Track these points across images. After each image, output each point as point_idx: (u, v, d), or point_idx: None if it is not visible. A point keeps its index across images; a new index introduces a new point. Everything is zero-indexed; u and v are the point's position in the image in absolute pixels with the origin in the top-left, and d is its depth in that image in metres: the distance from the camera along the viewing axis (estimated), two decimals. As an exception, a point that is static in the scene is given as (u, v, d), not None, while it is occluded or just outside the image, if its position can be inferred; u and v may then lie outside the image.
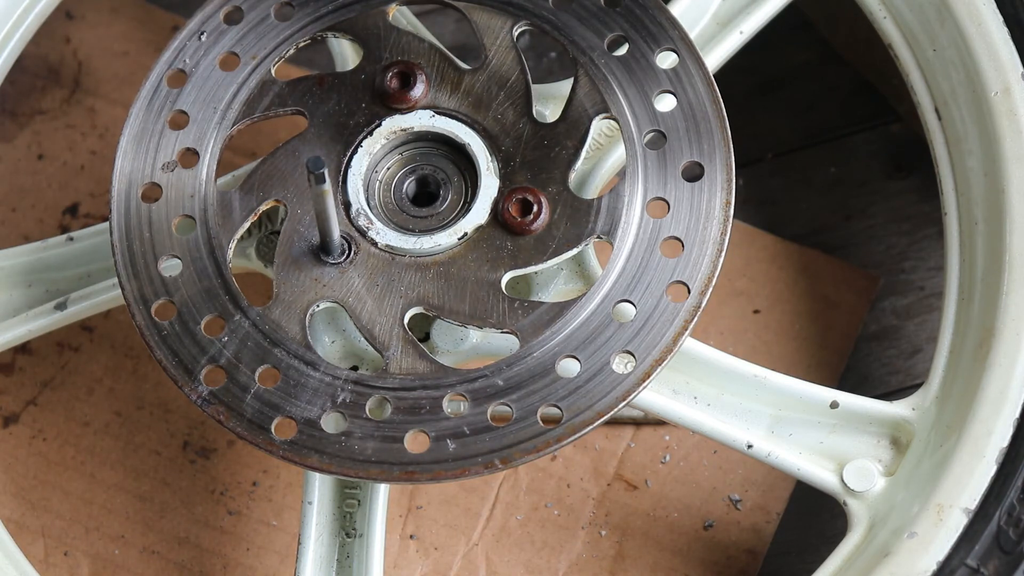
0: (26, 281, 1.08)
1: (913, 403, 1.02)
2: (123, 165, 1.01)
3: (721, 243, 0.98)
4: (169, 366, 0.96)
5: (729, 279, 1.22)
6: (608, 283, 0.97)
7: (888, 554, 0.96)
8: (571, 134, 0.99)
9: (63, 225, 1.25)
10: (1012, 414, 0.97)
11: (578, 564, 1.15)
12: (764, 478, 1.16)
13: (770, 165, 1.27)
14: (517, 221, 0.98)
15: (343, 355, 1.03)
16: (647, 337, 0.96)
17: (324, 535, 1.02)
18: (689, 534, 1.15)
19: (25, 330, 1.07)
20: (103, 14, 1.32)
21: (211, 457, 1.18)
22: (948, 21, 1.03)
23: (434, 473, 0.94)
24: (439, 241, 0.98)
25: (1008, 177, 1.00)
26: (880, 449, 1.02)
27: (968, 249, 1.03)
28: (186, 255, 0.98)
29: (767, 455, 1.01)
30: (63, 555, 1.16)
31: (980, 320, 1.00)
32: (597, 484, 1.17)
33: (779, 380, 1.02)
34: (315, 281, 0.98)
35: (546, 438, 0.94)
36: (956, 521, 0.95)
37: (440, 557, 1.15)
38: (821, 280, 1.22)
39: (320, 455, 0.94)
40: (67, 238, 1.08)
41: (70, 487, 1.18)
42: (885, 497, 1.00)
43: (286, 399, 0.95)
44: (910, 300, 1.23)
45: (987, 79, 1.02)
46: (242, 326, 0.96)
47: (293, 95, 1.02)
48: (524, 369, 0.95)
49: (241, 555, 1.16)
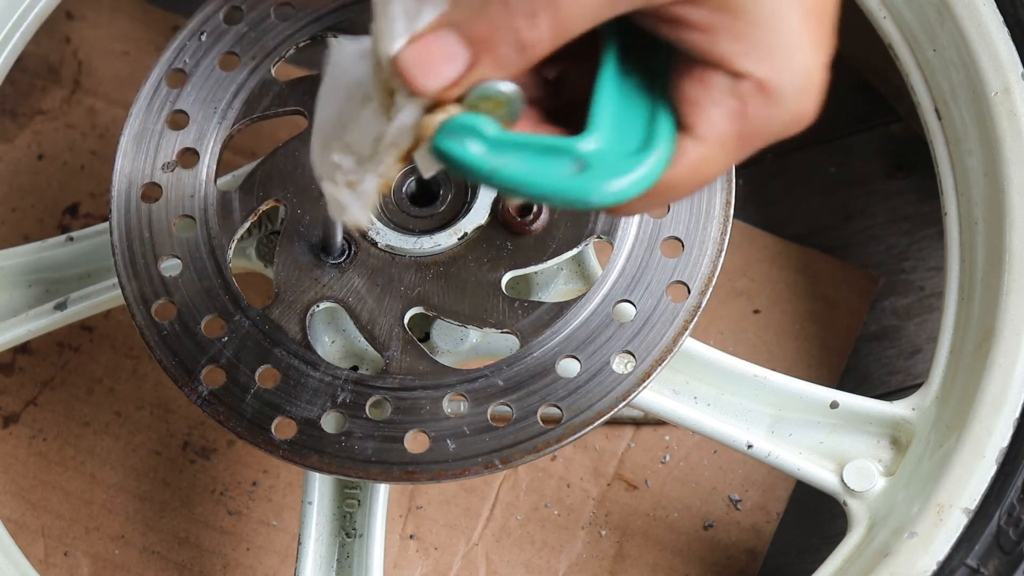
0: (26, 281, 1.08)
1: (913, 403, 1.02)
2: (123, 165, 1.01)
3: (721, 243, 0.98)
4: (169, 366, 0.96)
5: (729, 279, 1.22)
6: (608, 283, 0.97)
7: (888, 554, 0.96)
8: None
9: (63, 225, 1.25)
10: (1012, 414, 0.97)
11: (578, 564, 1.15)
12: (764, 478, 1.16)
13: (770, 165, 1.27)
14: (517, 221, 0.98)
15: (343, 355, 1.03)
16: (647, 337, 0.96)
17: (324, 535, 1.02)
18: (689, 534, 1.15)
19: (25, 330, 1.07)
20: (103, 14, 1.32)
21: (211, 457, 1.18)
22: (948, 21, 1.03)
23: (434, 473, 0.94)
24: (439, 241, 0.98)
25: (1008, 177, 1.00)
26: (880, 449, 1.02)
27: (968, 249, 1.03)
28: (186, 255, 0.98)
29: (767, 455, 1.01)
30: (63, 555, 1.16)
31: (980, 320, 1.00)
32: (597, 484, 1.17)
33: (779, 380, 1.02)
34: (315, 281, 0.98)
35: (546, 438, 0.94)
36: (956, 521, 0.95)
37: (440, 557, 1.15)
38: (821, 280, 1.22)
39: (320, 455, 0.94)
40: (67, 238, 1.08)
41: (70, 487, 1.18)
42: (885, 497, 1.00)
43: (286, 399, 0.95)
44: (910, 300, 1.23)
45: (987, 79, 1.02)
46: (242, 326, 0.97)
47: (293, 95, 1.02)
48: (524, 369, 0.95)
49: (241, 555, 1.16)
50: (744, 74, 0.74)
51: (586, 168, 0.76)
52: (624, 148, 0.77)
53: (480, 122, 0.76)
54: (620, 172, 0.76)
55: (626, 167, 0.76)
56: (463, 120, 0.76)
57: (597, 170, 0.76)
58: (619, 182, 0.75)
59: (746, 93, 0.75)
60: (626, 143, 0.77)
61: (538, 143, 0.77)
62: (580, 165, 0.76)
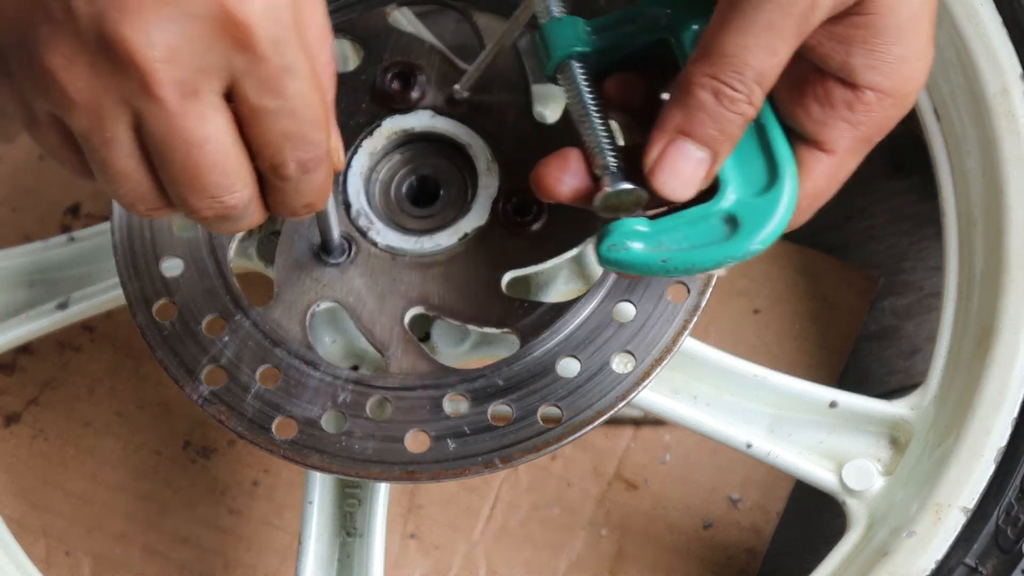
0: (28, 281, 1.08)
1: (912, 403, 1.02)
2: (124, 165, 1.01)
3: (721, 243, 0.98)
4: (170, 366, 0.96)
5: (729, 279, 1.22)
6: (608, 283, 0.97)
7: (887, 553, 0.96)
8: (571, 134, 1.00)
9: (65, 225, 1.25)
10: (1010, 413, 0.97)
11: (578, 563, 1.15)
12: (763, 477, 1.17)
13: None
14: (517, 221, 0.98)
15: (343, 355, 1.03)
16: (647, 337, 0.96)
17: (325, 534, 1.02)
18: (689, 533, 1.15)
19: (26, 330, 1.07)
20: (104, 15, 1.32)
21: (212, 457, 1.18)
22: (946, 22, 1.03)
23: (434, 473, 0.94)
24: (439, 241, 0.98)
25: (1006, 177, 1.01)
26: (879, 448, 1.02)
27: (967, 249, 1.03)
28: (187, 255, 0.98)
29: (767, 454, 1.01)
30: (64, 554, 1.16)
31: (979, 320, 1.00)
32: (597, 484, 1.17)
33: (779, 380, 1.02)
34: (316, 281, 0.98)
35: (546, 438, 0.94)
36: (954, 520, 0.95)
37: (440, 556, 1.15)
38: (821, 280, 1.23)
39: (321, 454, 0.94)
40: (68, 238, 1.09)
41: (71, 487, 1.18)
42: (884, 496, 1.00)
43: (287, 399, 0.95)
44: (910, 300, 1.23)
45: (986, 80, 1.02)
46: (243, 326, 0.97)
47: (294, 95, 1.02)
48: (524, 369, 0.95)
49: (242, 554, 1.16)
50: (870, 86, 0.80)
51: (737, 223, 0.80)
52: (755, 186, 0.81)
53: (629, 223, 0.81)
54: (767, 214, 0.80)
55: (769, 207, 0.80)
56: (615, 227, 0.81)
57: (747, 221, 0.80)
58: (771, 224, 0.80)
59: (871, 102, 0.80)
60: (754, 181, 0.81)
61: (687, 219, 0.81)
62: (731, 222, 0.80)
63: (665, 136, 0.80)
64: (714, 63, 0.78)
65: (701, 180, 0.81)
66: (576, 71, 0.87)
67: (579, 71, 0.87)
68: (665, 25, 0.87)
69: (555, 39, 0.87)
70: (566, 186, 0.84)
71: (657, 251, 0.81)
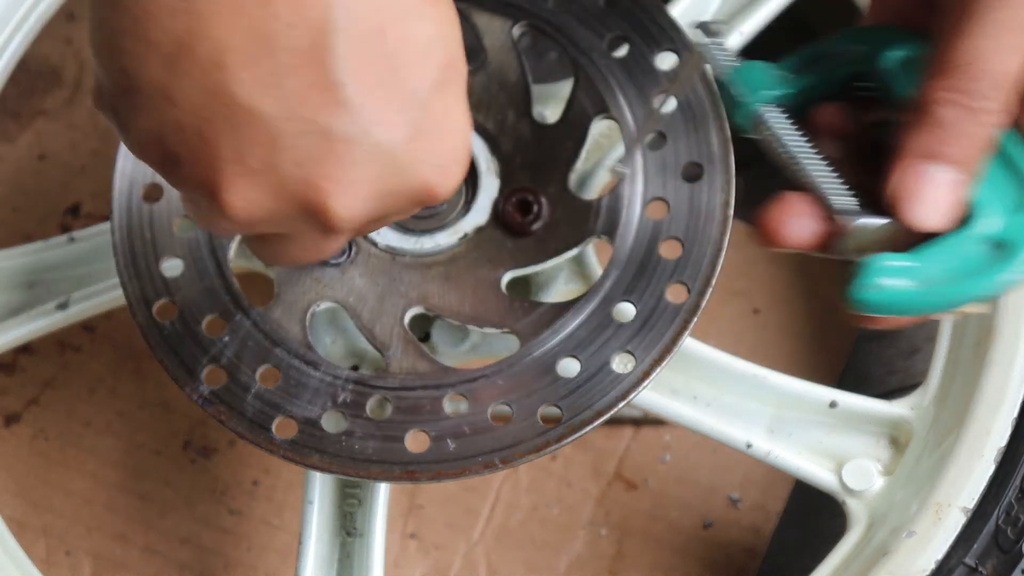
0: (28, 281, 1.08)
1: (912, 403, 1.02)
2: (124, 165, 1.01)
3: (721, 243, 0.98)
4: (170, 366, 0.96)
5: (729, 279, 1.22)
6: (608, 283, 0.97)
7: (887, 553, 0.96)
8: (571, 134, 1.00)
9: (64, 225, 1.25)
10: (1010, 413, 0.97)
11: (578, 563, 1.15)
12: (763, 477, 1.17)
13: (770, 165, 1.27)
14: (517, 221, 0.98)
15: (344, 355, 1.03)
16: (647, 337, 0.96)
17: (325, 534, 1.02)
18: (688, 533, 1.15)
19: (27, 330, 1.07)
20: (104, 15, 1.32)
21: (212, 457, 1.18)
22: (947, 22, 1.03)
23: (435, 473, 0.94)
24: (439, 241, 0.98)
25: (1007, 177, 1.01)
26: (879, 448, 1.02)
27: (967, 249, 1.03)
28: (187, 255, 0.99)
29: (766, 454, 1.02)
30: (65, 554, 1.16)
31: (978, 319, 1.00)
32: (597, 484, 1.17)
33: (778, 380, 1.02)
34: (316, 281, 0.98)
35: (546, 438, 0.94)
36: (954, 520, 0.95)
37: (441, 556, 1.15)
38: (821, 280, 1.23)
39: (321, 454, 0.94)
40: (68, 238, 1.09)
41: (72, 486, 1.18)
42: (884, 496, 1.00)
43: (287, 399, 0.95)
44: (909, 300, 1.23)
45: (986, 80, 1.02)
46: (243, 326, 0.97)
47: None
48: (524, 369, 0.95)
49: (242, 554, 1.16)
50: None
51: (1003, 245, 0.75)
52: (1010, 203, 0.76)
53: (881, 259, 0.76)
54: None
55: None
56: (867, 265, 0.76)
57: (1011, 242, 0.75)
58: None
59: None
60: (1008, 198, 0.76)
61: (948, 250, 0.75)
62: (994, 246, 0.75)
63: (907, 162, 0.75)
64: (949, 75, 0.74)
65: (956, 204, 0.75)
66: (775, 115, 0.85)
67: (779, 114, 0.85)
68: (861, 58, 0.84)
69: (748, 85, 0.84)
70: (799, 232, 0.80)
71: (921, 286, 0.76)
